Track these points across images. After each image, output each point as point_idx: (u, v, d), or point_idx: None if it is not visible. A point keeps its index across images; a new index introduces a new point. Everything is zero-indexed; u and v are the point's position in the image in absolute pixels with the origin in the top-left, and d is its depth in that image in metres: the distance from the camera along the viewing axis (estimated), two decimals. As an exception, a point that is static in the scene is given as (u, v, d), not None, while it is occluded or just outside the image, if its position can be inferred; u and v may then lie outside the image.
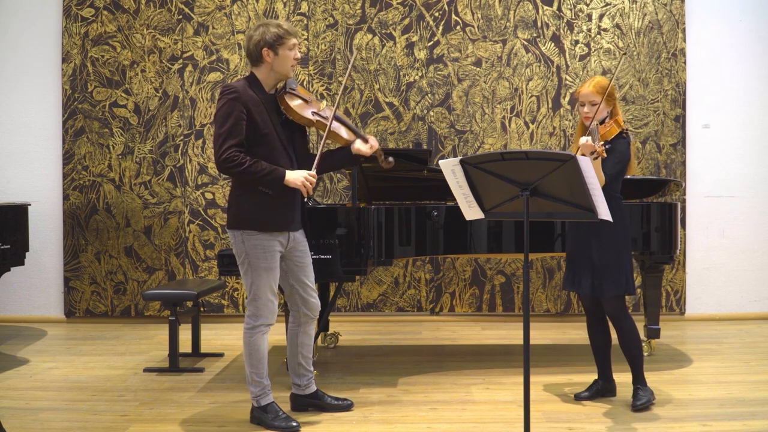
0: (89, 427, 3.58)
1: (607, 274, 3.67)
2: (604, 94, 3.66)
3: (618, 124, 3.72)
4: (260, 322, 3.50)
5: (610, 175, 3.66)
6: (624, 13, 6.23)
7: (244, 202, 3.46)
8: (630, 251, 3.80)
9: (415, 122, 6.26)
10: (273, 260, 3.47)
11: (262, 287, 3.47)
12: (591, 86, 3.72)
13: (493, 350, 5.24)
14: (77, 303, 6.29)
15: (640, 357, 3.79)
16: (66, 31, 6.25)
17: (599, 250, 3.69)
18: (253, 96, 3.42)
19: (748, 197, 6.30)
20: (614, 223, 3.61)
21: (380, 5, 6.24)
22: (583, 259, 3.75)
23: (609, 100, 3.74)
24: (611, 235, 3.67)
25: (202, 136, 6.23)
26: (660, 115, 6.21)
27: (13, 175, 6.30)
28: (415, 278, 6.29)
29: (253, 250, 3.44)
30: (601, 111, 3.71)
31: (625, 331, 3.75)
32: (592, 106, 3.71)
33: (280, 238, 3.49)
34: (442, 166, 3.16)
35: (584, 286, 3.74)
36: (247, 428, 3.55)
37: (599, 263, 3.69)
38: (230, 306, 6.29)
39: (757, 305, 6.30)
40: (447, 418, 3.68)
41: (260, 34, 3.43)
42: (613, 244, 3.68)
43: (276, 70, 3.46)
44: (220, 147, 3.35)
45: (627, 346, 3.77)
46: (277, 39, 3.41)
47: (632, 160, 3.81)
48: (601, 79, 3.77)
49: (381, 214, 4.27)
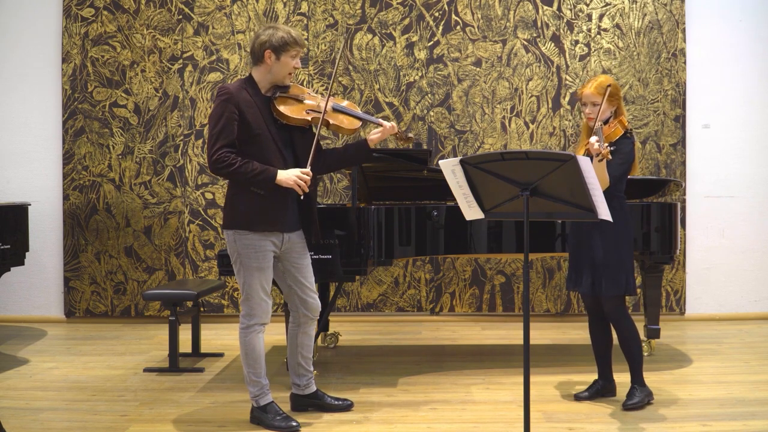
0: (89, 427, 3.58)
1: (608, 274, 3.67)
2: (605, 95, 3.64)
3: (622, 125, 3.70)
4: (254, 322, 3.51)
5: (615, 176, 3.64)
6: (624, 13, 6.23)
7: (237, 203, 3.48)
8: (632, 251, 3.79)
9: (415, 122, 6.26)
10: (264, 260, 3.48)
11: (254, 287, 3.48)
12: (593, 87, 3.70)
13: (493, 350, 5.24)
14: (77, 303, 6.29)
15: (639, 357, 3.79)
16: (66, 31, 6.25)
17: (601, 249, 3.68)
18: (247, 97, 3.43)
19: (748, 197, 6.30)
20: (617, 223, 3.61)
21: (380, 5, 6.24)
22: (585, 258, 3.75)
23: (612, 100, 3.70)
24: (613, 235, 3.67)
25: (202, 136, 6.23)
26: (660, 115, 6.21)
27: (13, 175, 6.30)
28: (415, 278, 6.29)
29: (245, 249, 3.46)
30: (604, 111, 3.69)
31: (624, 331, 3.75)
32: (594, 106, 3.69)
33: (273, 238, 3.49)
34: (442, 166, 3.16)
35: (585, 285, 3.74)
36: (247, 428, 3.55)
37: (600, 262, 3.68)
38: (230, 306, 6.29)
39: (757, 305, 6.30)
40: (447, 418, 3.68)
41: (268, 35, 3.45)
42: (615, 244, 3.68)
43: (273, 73, 3.48)
44: (211, 148, 3.38)
45: (626, 345, 3.77)
46: (283, 44, 3.43)
47: (636, 160, 3.79)
48: (603, 79, 3.73)
49: (381, 214, 4.27)
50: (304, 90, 3.60)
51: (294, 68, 3.49)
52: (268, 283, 3.52)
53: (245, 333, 3.52)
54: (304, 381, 3.74)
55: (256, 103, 3.45)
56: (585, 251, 3.75)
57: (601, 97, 3.65)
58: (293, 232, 3.58)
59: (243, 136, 3.41)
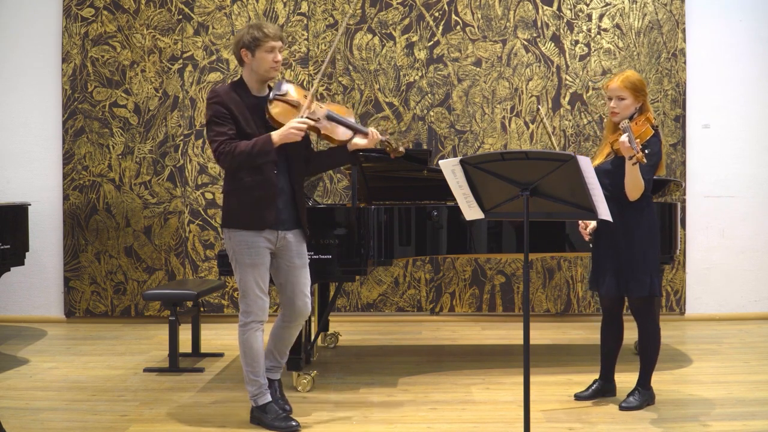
0: (89, 427, 3.58)
1: (633, 275, 3.62)
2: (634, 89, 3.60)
3: (650, 122, 3.61)
4: (251, 319, 3.52)
5: (647, 179, 3.57)
6: (624, 13, 6.23)
7: (230, 201, 3.53)
8: (657, 252, 3.71)
9: (415, 122, 6.26)
10: (258, 256, 3.48)
11: (249, 283, 3.50)
12: (619, 80, 3.64)
13: (493, 350, 5.24)
14: (77, 303, 6.29)
15: (653, 362, 3.76)
16: (66, 31, 6.25)
17: (625, 250, 3.64)
18: (236, 98, 3.48)
19: (748, 197, 6.30)
20: (642, 223, 3.60)
21: (380, 5, 6.24)
22: (610, 258, 3.70)
23: (638, 96, 3.64)
24: (639, 235, 3.62)
25: (202, 136, 6.23)
26: (660, 115, 6.21)
27: (13, 175, 6.30)
28: (415, 278, 6.29)
29: (239, 246, 3.49)
30: (628, 107, 3.64)
31: (646, 332, 3.72)
32: (620, 100, 3.64)
33: (267, 234, 3.50)
34: (442, 166, 3.16)
35: (608, 286, 3.69)
36: (247, 428, 3.55)
37: (625, 263, 3.64)
38: (230, 306, 6.29)
39: (757, 305, 6.30)
40: (447, 418, 3.68)
41: (241, 35, 3.52)
42: (640, 244, 3.63)
43: (255, 70, 3.51)
44: (213, 145, 3.44)
45: (644, 347, 3.75)
46: (254, 41, 3.46)
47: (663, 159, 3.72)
48: (631, 73, 3.68)
49: (381, 214, 4.26)
50: (302, 96, 3.57)
51: (275, 62, 3.50)
52: (263, 280, 3.52)
53: (243, 331, 3.53)
54: (268, 364, 3.72)
55: (246, 104, 3.49)
56: (610, 252, 3.69)
57: (628, 91, 3.61)
58: (289, 230, 3.58)
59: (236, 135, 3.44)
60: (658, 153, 3.63)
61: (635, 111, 3.67)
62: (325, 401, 3.96)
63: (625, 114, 3.64)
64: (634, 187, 3.55)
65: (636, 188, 3.55)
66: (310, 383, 4.14)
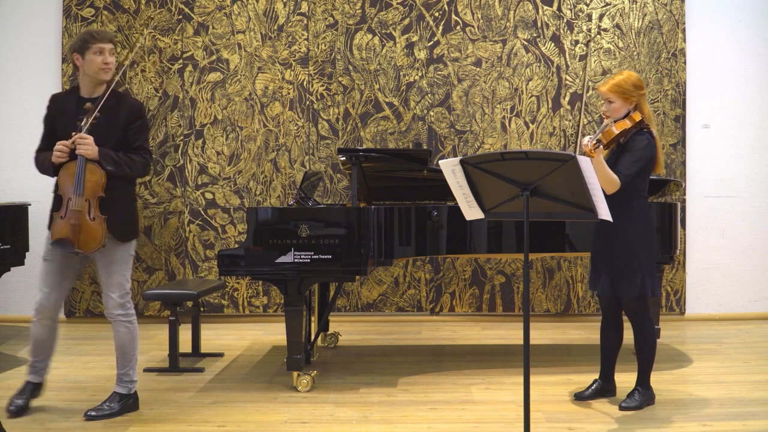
0: (89, 427, 3.58)
1: (625, 274, 3.64)
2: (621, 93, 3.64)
3: (632, 120, 3.64)
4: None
5: (627, 174, 3.59)
6: (624, 13, 6.23)
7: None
8: (653, 252, 3.71)
9: (415, 122, 6.26)
10: (48, 253, 3.66)
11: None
12: (607, 85, 3.70)
13: (493, 350, 5.24)
14: (77, 303, 6.28)
15: (651, 361, 3.77)
16: (66, 31, 6.24)
17: (619, 250, 3.65)
18: (62, 105, 3.64)
19: (748, 197, 6.30)
20: (636, 223, 3.61)
21: (380, 5, 6.24)
22: (604, 258, 3.72)
23: (628, 98, 3.67)
24: (632, 235, 3.64)
25: (202, 136, 6.23)
26: (660, 115, 6.21)
27: (13, 175, 6.30)
28: (415, 278, 6.29)
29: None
30: (618, 109, 3.68)
31: (641, 333, 3.73)
32: (610, 103, 3.69)
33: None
34: (442, 166, 3.16)
35: (603, 285, 3.71)
36: (247, 428, 3.55)
37: (618, 263, 3.66)
38: (230, 306, 6.29)
39: (757, 305, 6.30)
40: (447, 418, 3.68)
41: (72, 41, 3.75)
42: (632, 244, 3.64)
43: (86, 73, 3.64)
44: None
45: (640, 347, 3.76)
46: (83, 43, 3.62)
47: (659, 158, 3.72)
48: (625, 76, 3.71)
49: (381, 214, 4.26)
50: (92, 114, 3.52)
51: (104, 63, 3.60)
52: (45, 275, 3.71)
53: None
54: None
55: (71, 109, 3.60)
56: (605, 251, 3.72)
57: (615, 95, 3.66)
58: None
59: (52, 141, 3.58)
60: (643, 150, 3.62)
61: (629, 111, 3.71)
62: (325, 401, 3.96)
63: (616, 116, 3.70)
64: (603, 180, 3.51)
65: (606, 182, 3.52)
66: (310, 383, 4.14)
